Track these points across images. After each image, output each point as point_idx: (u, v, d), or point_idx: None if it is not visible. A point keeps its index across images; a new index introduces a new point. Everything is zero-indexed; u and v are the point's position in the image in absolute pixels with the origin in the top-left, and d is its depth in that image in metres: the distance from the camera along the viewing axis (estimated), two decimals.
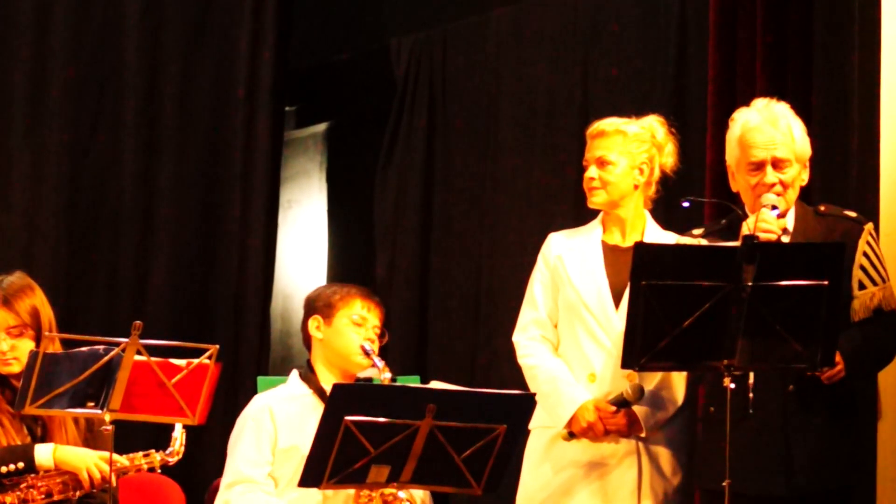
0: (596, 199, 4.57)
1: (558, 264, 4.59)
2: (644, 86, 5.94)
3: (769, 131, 4.28)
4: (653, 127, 4.59)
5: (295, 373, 4.52)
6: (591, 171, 4.55)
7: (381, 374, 4.36)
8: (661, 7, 5.94)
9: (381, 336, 4.50)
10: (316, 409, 4.35)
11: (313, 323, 4.50)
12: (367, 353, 4.41)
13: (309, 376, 4.48)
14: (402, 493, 4.11)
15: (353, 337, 4.45)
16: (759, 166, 4.28)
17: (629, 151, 4.54)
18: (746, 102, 4.44)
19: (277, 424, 4.38)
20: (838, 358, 4.03)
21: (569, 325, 4.55)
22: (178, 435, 4.44)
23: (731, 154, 4.37)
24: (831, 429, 4.21)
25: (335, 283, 4.71)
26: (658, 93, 5.86)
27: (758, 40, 5.12)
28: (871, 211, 4.63)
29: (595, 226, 4.64)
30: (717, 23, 5.26)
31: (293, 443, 4.35)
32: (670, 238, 4.57)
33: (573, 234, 4.66)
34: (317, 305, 4.52)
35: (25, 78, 6.39)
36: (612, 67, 6.09)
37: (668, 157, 4.60)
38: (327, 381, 4.42)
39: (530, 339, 4.60)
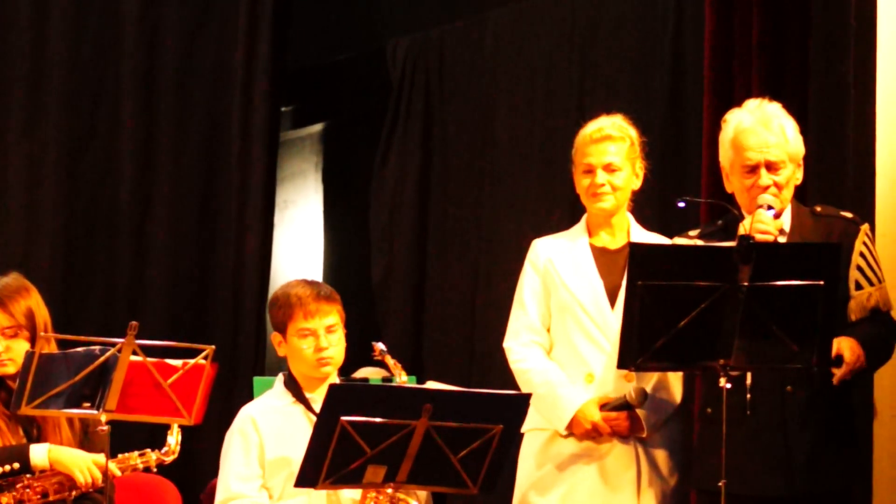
0: (605, 205, 4.52)
1: (549, 267, 4.56)
2: (641, 86, 5.94)
3: (762, 133, 4.26)
4: (628, 127, 4.59)
5: (280, 378, 4.47)
6: (601, 177, 4.50)
7: (399, 376, 4.33)
8: (657, 8, 5.94)
9: (333, 333, 4.36)
10: (300, 416, 4.36)
11: (276, 340, 4.43)
12: (380, 354, 4.37)
13: (290, 384, 4.43)
14: (412, 502, 4.08)
15: (307, 353, 4.35)
16: (753, 169, 4.26)
17: (630, 155, 4.54)
18: (742, 103, 4.44)
19: (263, 435, 4.34)
20: (858, 349, 4.03)
21: (563, 327, 4.54)
22: (174, 435, 4.44)
23: (725, 156, 4.35)
24: (829, 429, 4.20)
25: (285, 286, 4.47)
26: (655, 93, 5.86)
27: (754, 41, 5.11)
28: (867, 212, 4.63)
29: (580, 229, 4.61)
30: (714, 23, 5.25)
31: (280, 453, 4.32)
32: (654, 238, 4.57)
33: (559, 238, 4.64)
34: (272, 322, 4.44)
35: (23, 78, 6.37)
36: (608, 68, 6.09)
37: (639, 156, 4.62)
38: (307, 388, 4.40)
39: (523, 345, 4.57)
